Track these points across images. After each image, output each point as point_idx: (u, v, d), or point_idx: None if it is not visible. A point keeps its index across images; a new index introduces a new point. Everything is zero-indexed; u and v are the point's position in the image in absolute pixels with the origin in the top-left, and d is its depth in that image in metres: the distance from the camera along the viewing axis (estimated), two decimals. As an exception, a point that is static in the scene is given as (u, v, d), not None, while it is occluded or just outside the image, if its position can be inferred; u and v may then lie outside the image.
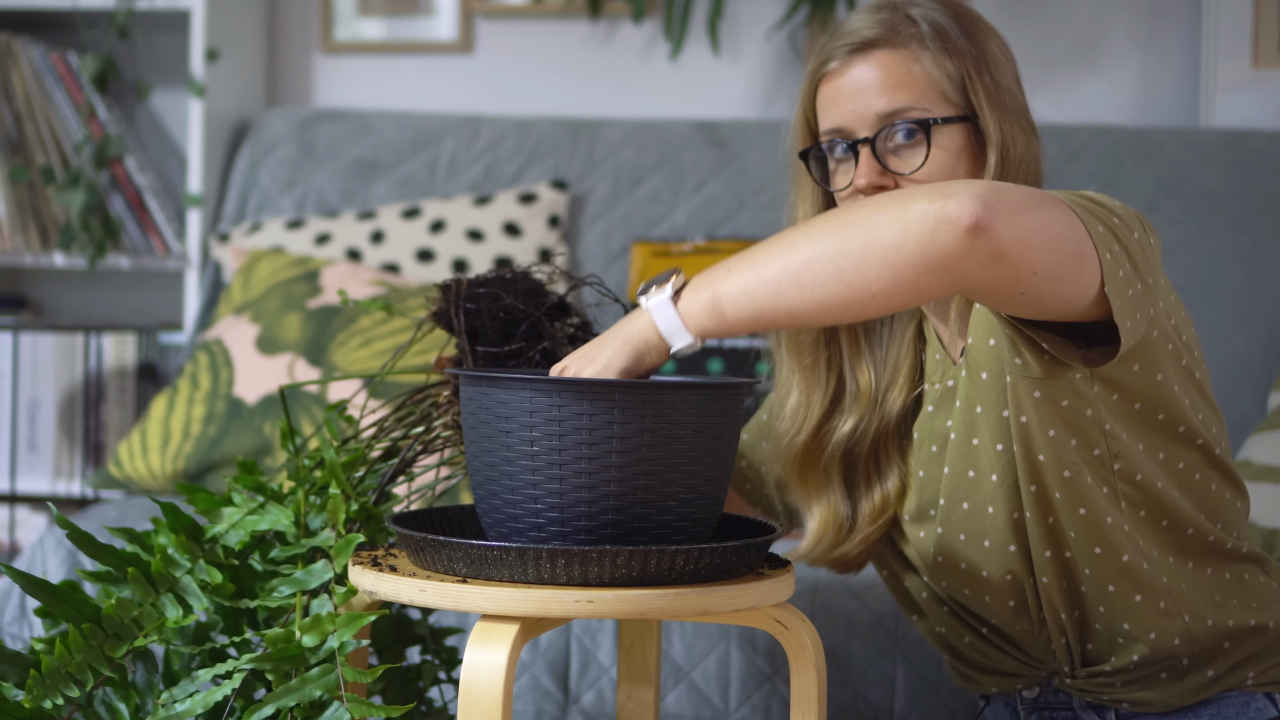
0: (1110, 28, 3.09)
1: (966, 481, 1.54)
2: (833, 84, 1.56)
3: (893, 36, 1.53)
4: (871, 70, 1.53)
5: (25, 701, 1.41)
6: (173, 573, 1.49)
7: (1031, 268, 1.28)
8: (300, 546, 1.50)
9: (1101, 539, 1.49)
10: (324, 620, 1.41)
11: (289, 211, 3.03)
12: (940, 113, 1.52)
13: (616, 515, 1.33)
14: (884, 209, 1.28)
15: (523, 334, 1.59)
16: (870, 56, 1.54)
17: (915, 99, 1.52)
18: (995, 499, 1.52)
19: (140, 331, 2.98)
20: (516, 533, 1.35)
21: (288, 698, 1.37)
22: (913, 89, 1.52)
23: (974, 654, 1.65)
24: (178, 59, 3.15)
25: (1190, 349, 1.51)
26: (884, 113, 1.52)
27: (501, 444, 1.35)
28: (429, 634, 1.70)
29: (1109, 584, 1.51)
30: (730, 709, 2.06)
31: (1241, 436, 2.58)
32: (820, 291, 1.30)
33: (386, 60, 3.29)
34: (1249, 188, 2.77)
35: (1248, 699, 1.55)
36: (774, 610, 1.39)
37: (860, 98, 1.53)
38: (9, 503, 2.91)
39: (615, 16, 3.21)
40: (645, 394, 1.32)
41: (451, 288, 1.62)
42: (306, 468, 1.57)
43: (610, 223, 2.94)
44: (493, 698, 1.26)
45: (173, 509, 1.51)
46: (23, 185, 3.00)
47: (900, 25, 1.54)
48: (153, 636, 1.46)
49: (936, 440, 1.59)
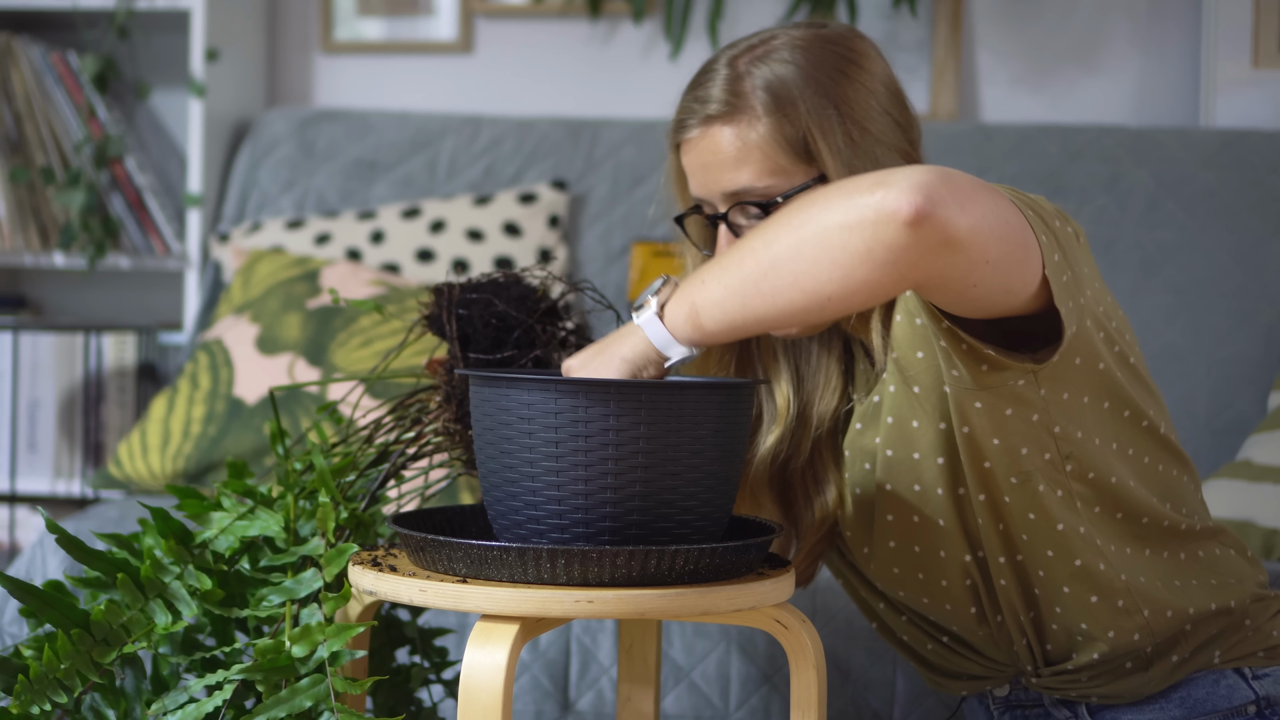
0: (1110, 28, 3.09)
1: (913, 495, 1.53)
2: (687, 154, 1.55)
3: (729, 112, 1.50)
4: (713, 146, 1.52)
5: (13, 707, 1.40)
6: (162, 578, 1.48)
7: (984, 255, 1.25)
8: (290, 555, 1.50)
9: (1053, 542, 1.49)
10: (314, 630, 1.41)
11: (289, 211, 3.03)
12: (784, 183, 1.50)
13: (640, 516, 1.33)
14: (829, 204, 1.26)
15: (515, 341, 1.59)
16: (709, 133, 1.52)
17: (756, 175, 1.50)
18: (944, 511, 1.52)
19: (140, 331, 2.98)
20: (537, 534, 1.34)
21: (277, 709, 1.37)
22: (752, 165, 1.50)
23: (939, 660, 1.66)
24: (178, 59, 3.15)
25: (1122, 334, 1.49)
26: (729, 192, 1.52)
27: (509, 444, 1.35)
28: (418, 635, 1.70)
29: (1063, 585, 1.51)
30: (730, 709, 2.06)
31: (1241, 436, 2.58)
32: (781, 299, 1.29)
33: (386, 60, 3.29)
34: (1249, 188, 2.77)
35: (1217, 677, 1.55)
36: (774, 610, 1.39)
37: (708, 173, 1.52)
38: (9, 503, 2.91)
39: (615, 16, 3.21)
40: (656, 394, 1.32)
41: (444, 292, 1.60)
42: (296, 473, 1.57)
43: (610, 223, 2.94)
44: (492, 698, 1.26)
45: (162, 514, 1.50)
46: (23, 185, 3.00)
47: (738, 96, 1.51)
48: (141, 642, 1.45)
49: (867, 457, 1.57)
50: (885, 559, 1.58)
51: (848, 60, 1.53)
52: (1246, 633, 1.56)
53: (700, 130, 1.52)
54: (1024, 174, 2.80)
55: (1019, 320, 1.37)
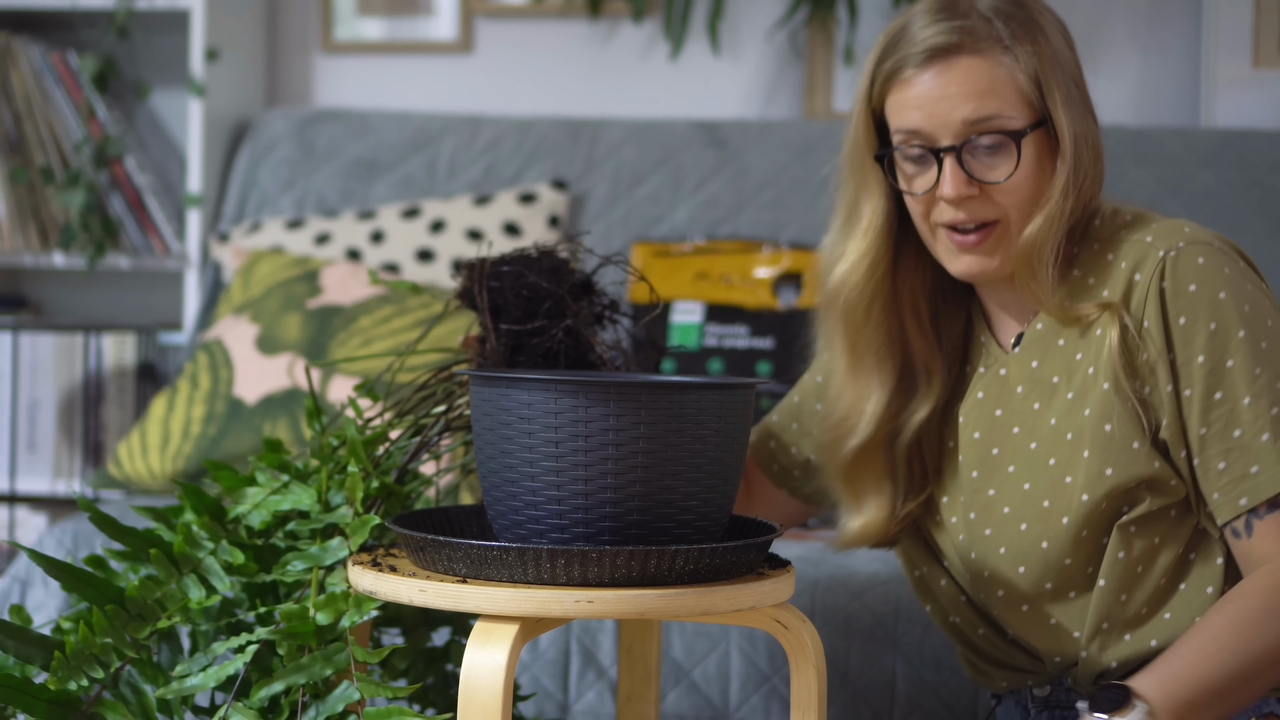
0: (1110, 28, 3.09)
1: (1048, 483, 1.55)
2: (910, 89, 1.54)
3: (974, 41, 1.51)
4: (955, 77, 1.52)
5: (50, 682, 1.42)
6: (195, 553, 1.50)
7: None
8: (318, 521, 1.51)
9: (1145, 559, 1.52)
10: (338, 598, 1.41)
11: (289, 211, 3.03)
12: (1024, 119, 1.52)
13: (640, 516, 1.33)
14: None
15: (546, 312, 1.60)
16: (952, 63, 1.52)
17: (1000, 106, 1.51)
18: (1071, 508, 1.53)
19: (140, 331, 2.98)
20: (537, 534, 1.34)
21: (298, 675, 1.38)
22: (997, 95, 1.51)
23: (988, 646, 1.64)
24: (178, 59, 3.15)
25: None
26: (970, 120, 1.51)
27: (509, 444, 1.35)
28: (458, 614, 1.70)
29: (1143, 606, 1.53)
30: (730, 709, 2.06)
31: (1241, 436, 2.58)
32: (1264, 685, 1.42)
33: (386, 60, 3.29)
34: (1249, 188, 2.77)
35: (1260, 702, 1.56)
36: (774, 610, 1.39)
37: (944, 104, 1.52)
38: (9, 503, 2.91)
39: (615, 16, 3.20)
40: (656, 394, 1.32)
41: (476, 266, 1.62)
42: (330, 445, 1.57)
43: (610, 223, 2.94)
44: (492, 698, 1.26)
45: (195, 490, 1.53)
46: (23, 185, 3.00)
47: (978, 27, 1.52)
48: (176, 617, 1.47)
49: (981, 427, 1.59)
50: (969, 544, 1.60)
51: (1048, 11, 1.57)
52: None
53: (940, 60, 1.52)
54: (1024, 174, 2.80)
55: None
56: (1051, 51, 1.53)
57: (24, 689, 1.41)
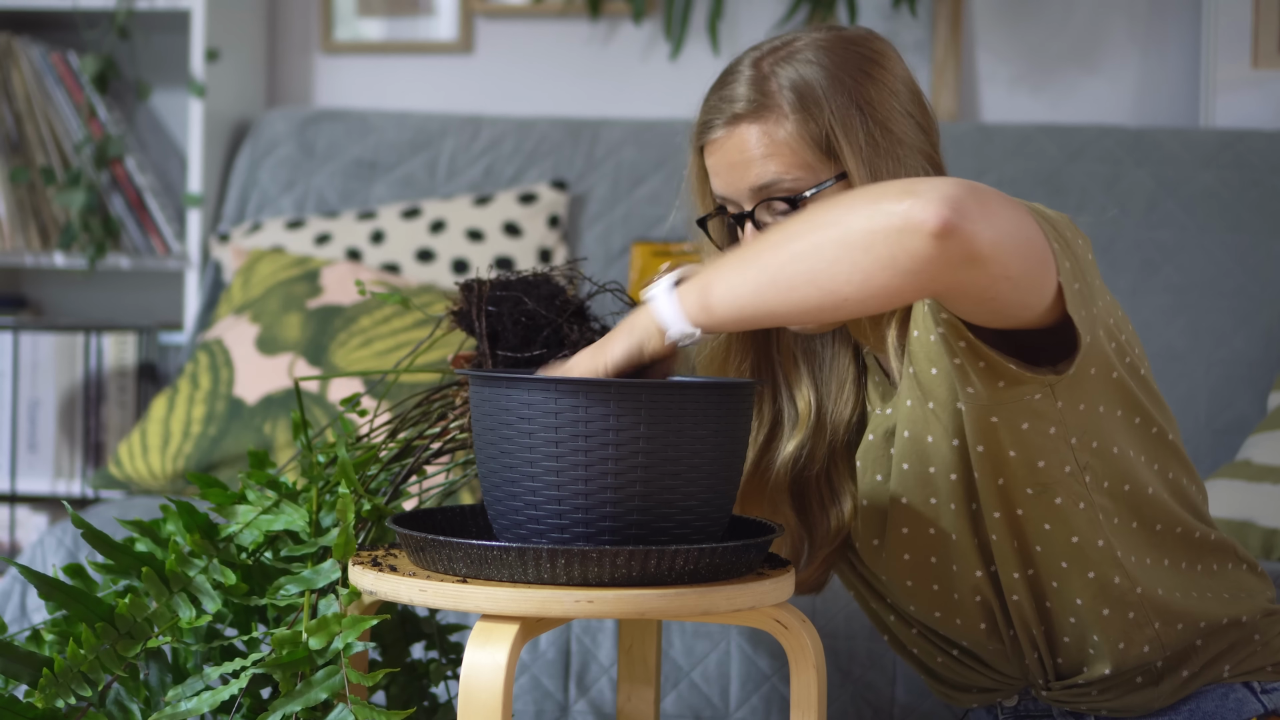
0: (1110, 28, 3.09)
1: (928, 508, 1.53)
2: (713, 154, 1.55)
3: (756, 110, 1.51)
4: (739, 144, 1.51)
5: (38, 700, 1.41)
6: (186, 572, 1.49)
7: (1005, 271, 1.26)
8: (311, 545, 1.50)
9: (1068, 554, 1.49)
10: (330, 622, 1.41)
11: (289, 211, 3.03)
12: (810, 179, 1.50)
13: (640, 515, 1.33)
14: (856, 207, 1.27)
15: (544, 340, 1.58)
16: (735, 132, 1.52)
17: (782, 170, 1.49)
18: (958, 526, 1.52)
19: (140, 331, 2.98)
20: (537, 534, 1.34)
21: (294, 702, 1.37)
22: (779, 160, 1.50)
23: (949, 674, 1.65)
24: (178, 59, 3.15)
25: (1132, 346, 1.50)
26: (756, 187, 1.51)
27: (509, 444, 1.35)
28: (435, 631, 1.70)
29: (1076, 598, 1.51)
30: (730, 709, 2.06)
31: (1241, 437, 2.58)
32: (796, 294, 1.29)
33: (386, 60, 3.29)
34: (1249, 188, 2.77)
35: (1226, 690, 1.56)
36: (774, 610, 1.39)
37: (735, 171, 1.52)
38: (9, 503, 2.91)
39: (615, 16, 3.21)
40: (656, 394, 1.32)
41: (474, 289, 1.61)
42: (320, 465, 1.57)
43: (610, 223, 2.94)
44: (493, 698, 1.26)
45: (187, 507, 1.51)
46: (23, 185, 3.00)
47: (765, 95, 1.51)
48: (165, 636, 1.46)
49: (880, 469, 1.57)
50: (898, 572, 1.58)
51: (870, 61, 1.53)
52: (1256, 647, 1.56)
53: (727, 130, 1.52)
54: (1024, 174, 2.80)
55: (1029, 335, 1.37)
56: (855, 106, 1.49)
57: (10, 706, 1.40)
